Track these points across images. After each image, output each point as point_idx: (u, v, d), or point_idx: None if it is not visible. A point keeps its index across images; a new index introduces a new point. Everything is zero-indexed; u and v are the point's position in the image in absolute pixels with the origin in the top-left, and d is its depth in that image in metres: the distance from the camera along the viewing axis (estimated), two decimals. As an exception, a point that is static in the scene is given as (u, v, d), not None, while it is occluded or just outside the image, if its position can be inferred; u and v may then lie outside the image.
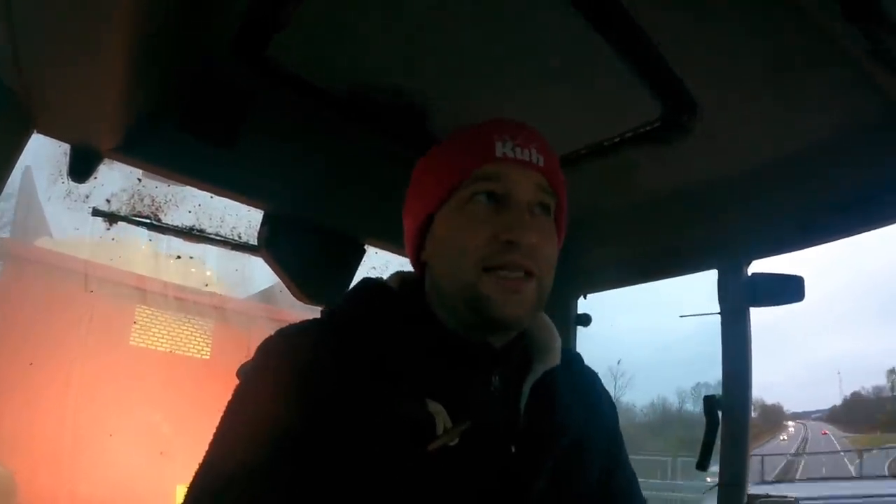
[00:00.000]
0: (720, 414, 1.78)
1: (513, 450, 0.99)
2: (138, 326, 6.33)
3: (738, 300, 1.80)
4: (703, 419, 1.75)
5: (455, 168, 1.02)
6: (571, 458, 1.06)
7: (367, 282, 1.13)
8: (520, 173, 1.01)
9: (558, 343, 1.12)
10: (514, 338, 1.06)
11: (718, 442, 1.77)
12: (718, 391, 1.78)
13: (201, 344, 6.56)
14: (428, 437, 0.92)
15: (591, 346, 2.22)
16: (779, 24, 1.23)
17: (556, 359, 1.10)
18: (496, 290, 0.97)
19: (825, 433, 39.78)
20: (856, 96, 1.39)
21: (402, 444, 0.91)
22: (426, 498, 0.91)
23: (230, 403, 0.96)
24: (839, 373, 72.76)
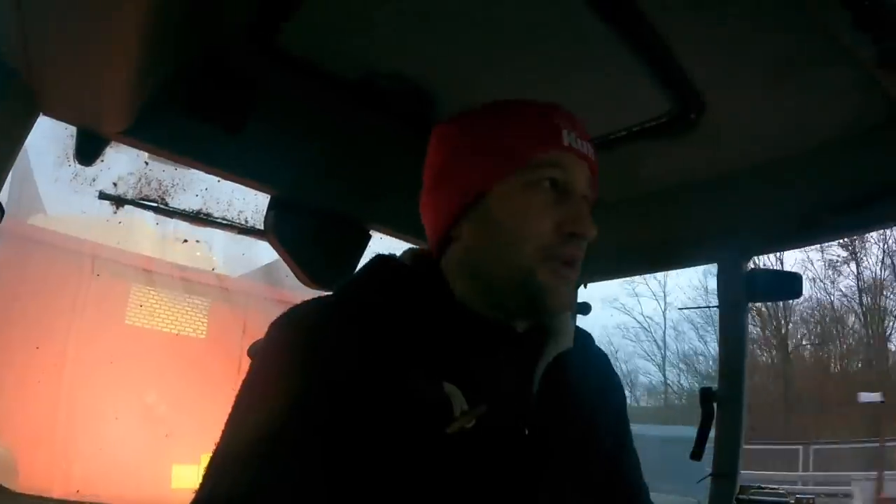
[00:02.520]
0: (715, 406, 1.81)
1: (526, 432, 0.99)
2: (134, 305, 6.30)
3: (736, 294, 1.82)
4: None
5: (519, 149, 1.00)
6: (582, 439, 1.07)
7: (380, 258, 1.09)
8: (578, 165, 1.01)
9: (571, 326, 1.11)
10: (534, 323, 1.07)
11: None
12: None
13: (198, 323, 6.54)
14: (444, 419, 0.92)
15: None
16: (787, 24, 1.24)
17: (568, 342, 1.09)
18: (552, 278, 0.98)
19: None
20: (861, 98, 1.40)
21: (419, 425, 0.91)
22: (442, 479, 0.91)
23: (248, 380, 0.95)
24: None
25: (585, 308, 2.18)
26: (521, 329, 1.05)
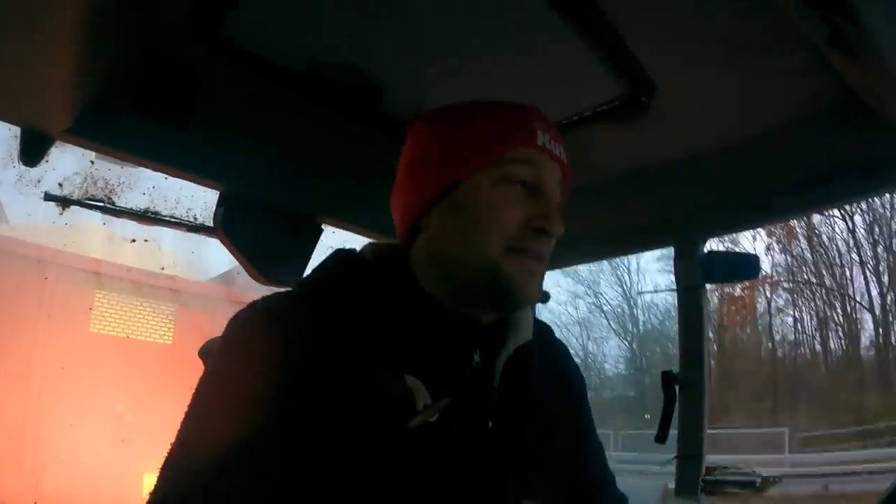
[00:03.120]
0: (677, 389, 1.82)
1: (490, 425, 1.01)
2: (97, 313, 6.18)
3: (694, 277, 1.83)
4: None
5: (495, 144, 1.03)
6: (545, 430, 1.09)
7: (340, 253, 1.10)
8: (550, 165, 1.05)
9: (531, 318, 1.14)
10: (499, 316, 1.08)
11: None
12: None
13: (164, 329, 6.45)
14: (407, 413, 0.92)
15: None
16: (738, 7, 1.24)
17: (527, 334, 1.11)
18: (518, 271, 1.00)
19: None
20: (813, 81, 1.40)
21: (382, 419, 0.91)
22: (406, 473, 0.92)
23: (205, 380, 0.94)
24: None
25: (545, 297, 2.17)
26: (487, 322, 1.06)
